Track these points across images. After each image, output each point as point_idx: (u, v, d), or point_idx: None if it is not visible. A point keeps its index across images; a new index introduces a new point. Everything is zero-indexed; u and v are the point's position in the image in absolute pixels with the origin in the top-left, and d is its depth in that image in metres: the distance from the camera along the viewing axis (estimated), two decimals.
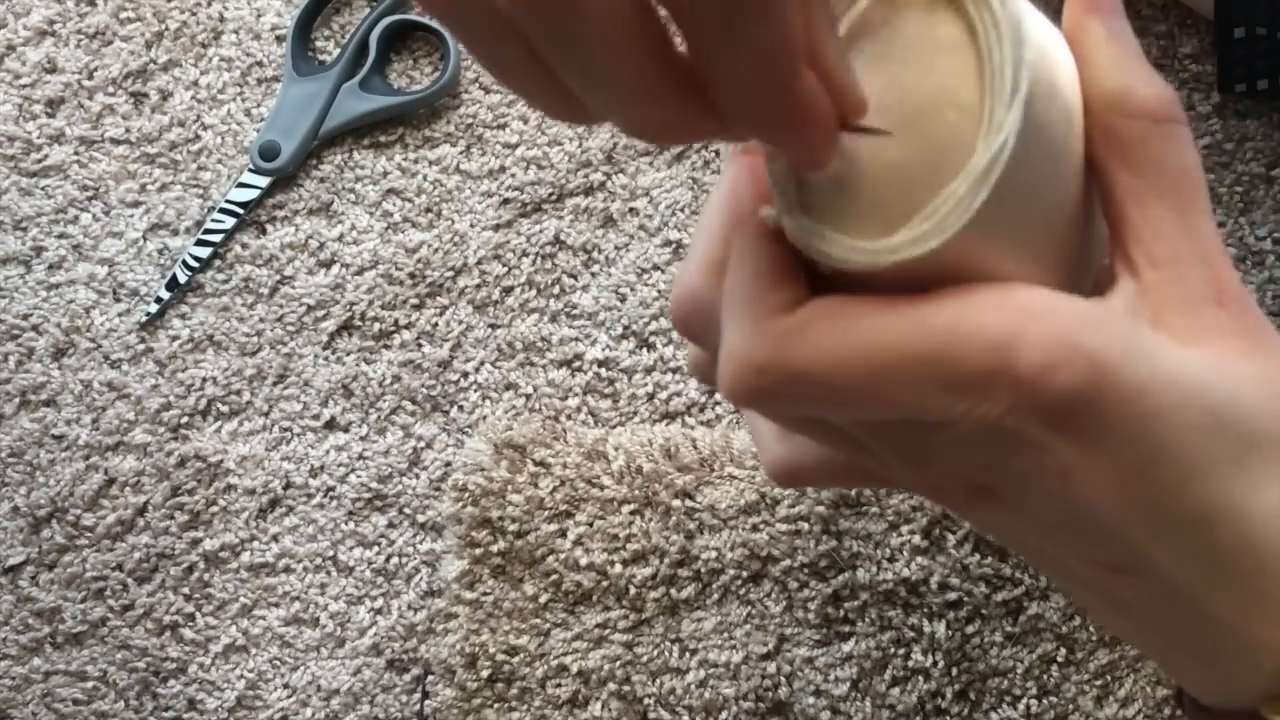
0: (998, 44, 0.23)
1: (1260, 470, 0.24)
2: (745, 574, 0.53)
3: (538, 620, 0.53)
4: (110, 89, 0.61)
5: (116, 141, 0.61)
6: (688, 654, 0.52)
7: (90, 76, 0.62)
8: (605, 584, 0.53)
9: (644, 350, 0.57)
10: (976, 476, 0.25)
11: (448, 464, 0.56)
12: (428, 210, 0.59)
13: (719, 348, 0.25)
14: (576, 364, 0.57)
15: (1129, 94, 0.24)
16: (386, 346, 0.58)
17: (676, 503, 0.53)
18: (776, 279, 0.24)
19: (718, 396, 0.56)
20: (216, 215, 0.59)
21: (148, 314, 0.59)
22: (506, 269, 0.58)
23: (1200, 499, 0.24)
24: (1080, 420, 0.23)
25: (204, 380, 0.58)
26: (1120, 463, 0.23)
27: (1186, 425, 0.23)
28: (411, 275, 0.58)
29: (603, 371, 0.57)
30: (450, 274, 0.58)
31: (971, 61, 0.24)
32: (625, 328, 0.57)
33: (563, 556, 0.53)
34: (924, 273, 0.23)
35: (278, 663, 0.56)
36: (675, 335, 0.57)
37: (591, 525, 0.53)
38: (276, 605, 0.56)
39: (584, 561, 0.53)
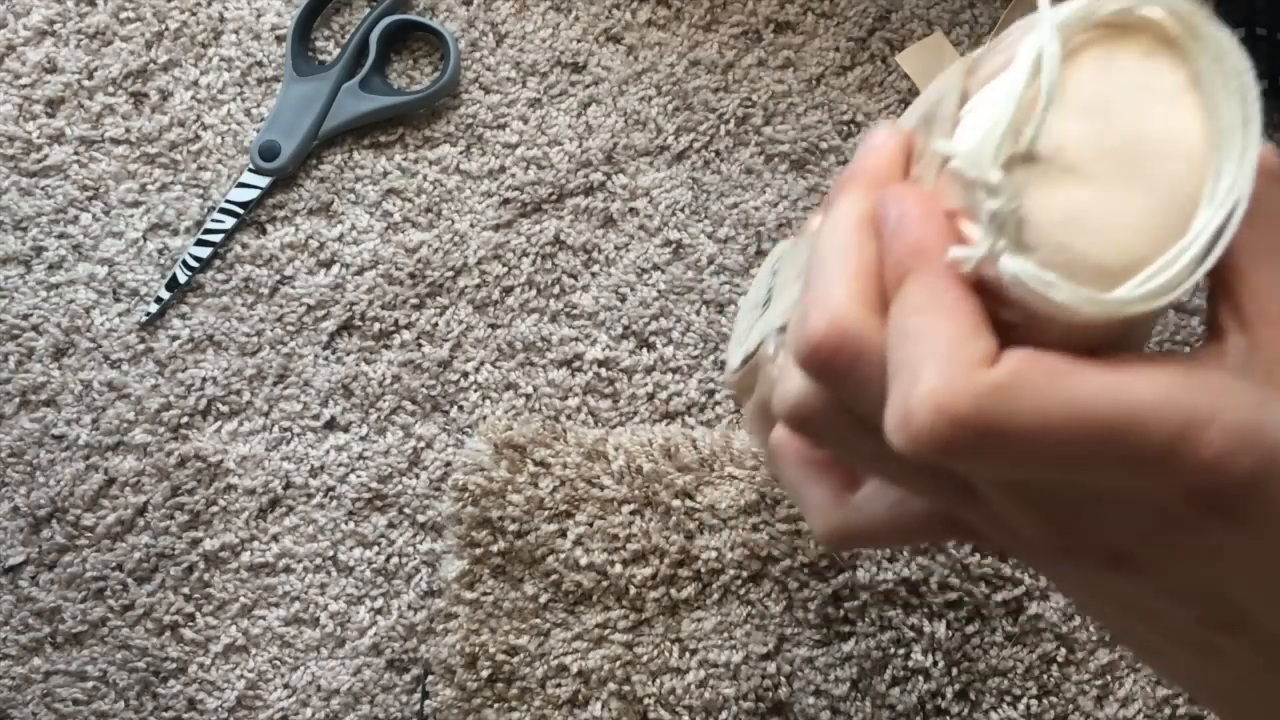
0: (1226, 100, 0.23)
1: None
2: (745, 574, 0.53)
3: (538, 620, 0.53)
4: (110, 89, 0.61)
5: (116, 141, 0.61)
6: (688, 654, 0.52)
7: (90, 76, 0.61)
8: (605, 584, 0.53)
9: (644, 350, 0.57)
10: (1123, 545, 0.25)
11: (448, 464, 0.56)
12: (428, 210, 0.59)
13: (872, 395, 0.24)
14: (576, 364, 0.57)
15: None
16: (386, 346, 0.58)
17: (676, 503, 0.53)
18: (976, 327, 0.23)
19: (718, 396, 0.56)
20: (216, 215, 0.59)
21: (148, 314, 0.58)
22: (506, 269, 0.58)
23: None
24: (1245, 504, 0.23)
25: (204, 380, 0.58)
26: (1270, 538, 0.24)
27: None
28: (411, 275, 0.58)
29: (603, 371, 0.57)
30: (450, 274, 0.58)
31: (1195, 111, 0.24)
32: (625, 328, 0.57)
33: (563, 556, 0.53)
34: (1118, 327, 0.23)
35: (278, 663, 0.56)
36: (675, 335, 0.57)
37: (591, 525, 0.53)
38: (276, 605, 0.56)
39: (584, 561, 0.53)
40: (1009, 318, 0.24)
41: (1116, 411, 0.22)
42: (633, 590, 0.53)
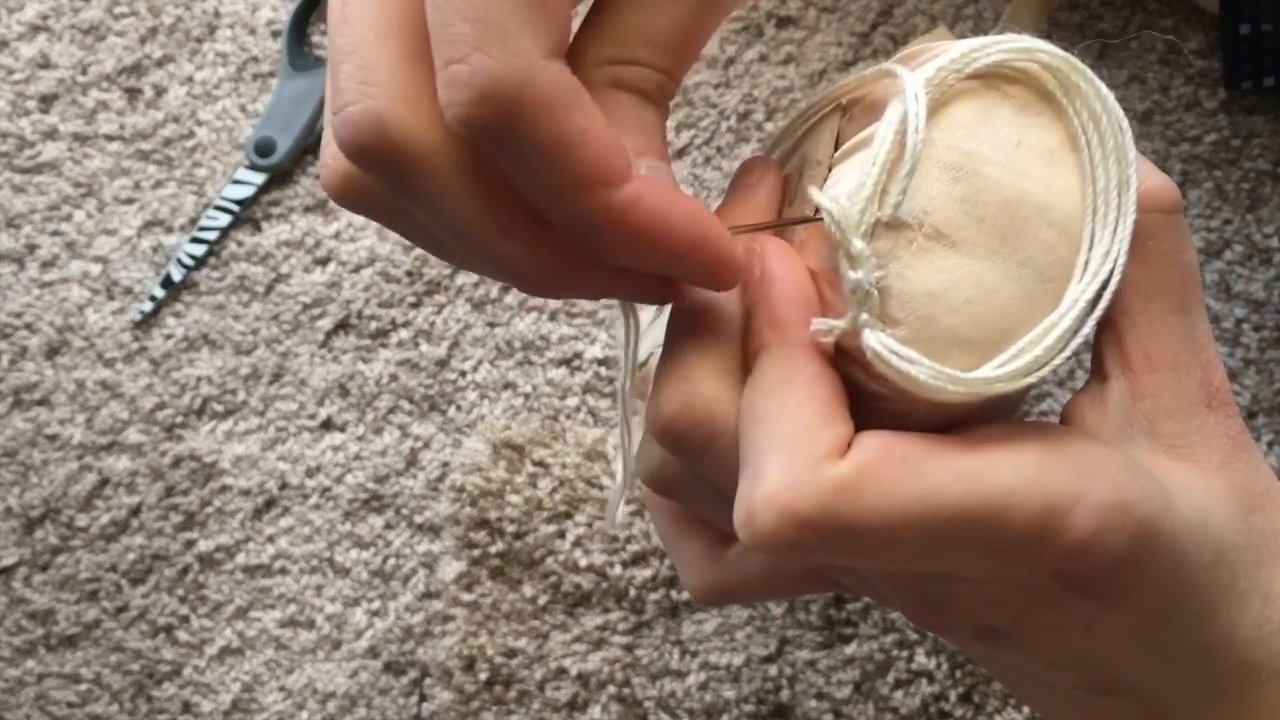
0: (1103, 162, 0.22)
1: (1244, 588, 0.24)
2: None
3: (536, 622, 0.53)
4: (104, 84, 0.61)
5: (110, 138, 0.60)
6: (688, 656, 0.52)
7: (84, 72, 0.61)
8: (605, 586, 0.52)
9: None
10: (992, 622, 0.25)
11: (445, 464, 0.56)
12: None
13: (730, 472, 0.23)
14: (576, 363, 0.57)
15: (1138, 186, 0.24)
16: (383, 345, 0.57)
17: None
18: (828, 412, 0.22)
19: None
20: (211, 212, 0.59)
21: (142, 312, 0.58)
22: None
23: (1205, 634, 0.24)
24: (1116, 582, 0.23)
25: (199, 379, 0.57)
26: (1144, 612, 0.23)
27: (1202, 565, 0.23)
28: (409, 273, 0.58)
29: (602, 370, 0.56)
30: (448, 272, 0.58)
31: (1072, 174, 0.22)
32: None
33: (562, 558, 0.53)
34: (983, 402, 0.22)
35: (273, 665, 0.55)
36: None
37: (591, 526, 0.53)
38: (272, 607, 0.56)
39: (583, 563, 0.52)
40: (876, 388, 0.23)
41: (974, 501, 0.21)
42: (633, 592, 0.52)
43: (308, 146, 0.59)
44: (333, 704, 0.55)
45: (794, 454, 0.21)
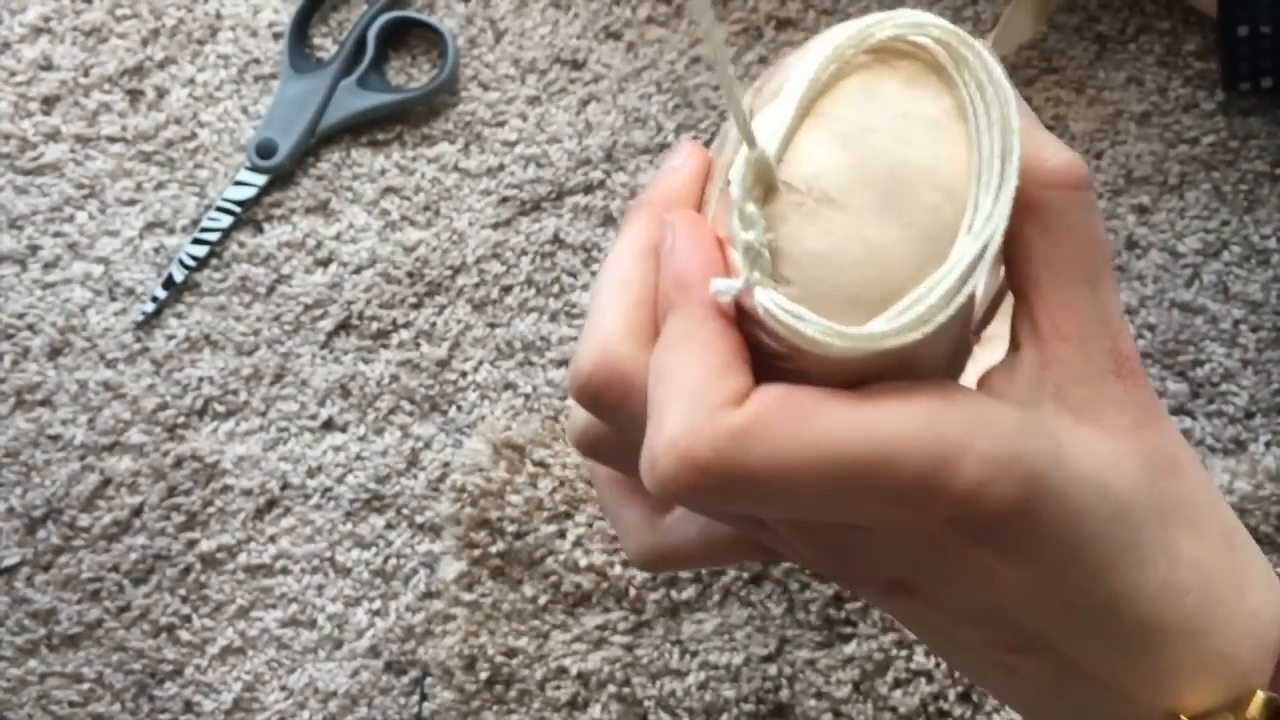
0: (988, 131, 0.23)
1: (1149, 547, 0.25)
2: (746, 575, 0.52)
3: (537, 622, 0.53)
4: (106, 86, 0.61)
5: (112, 139, 0.60)
6: (688, 656, 0.52)
7: (86, 74, 0.61)
8: (605, 585, 0.53)
9: None
10: (897, 574, 0.26)
11: (446, 464, 0.56)
12: (426, 208, 0.59)
13: (645, 429, 0.24)
14: None
15: (1043, 163, 0.25)
16: (384, 346, 0.57)
17: None
18: (726, 365, 0.23)
19: None
20: (213, 214, 0.59)
21: (144, 313, 0.58)
22: (505, 268, 0.58)
23: (1108, 589, 0.25)
24: (1010, 532, 0.23)
25: (200, 380, 0.58)
26: (1042, 564, 0.24)
27: (1100, 521, 0.24)
28: (410, 274, 0.58)
29: None
30: (449, 273, 0.58)
31: (958, 141, 0.23)
32: None
33: (562, 558, 0.53)
34: (879, 360, 0.23)
35: (275, 665, 0.55)
36: None
37: (591, 526, 0.53)
38: (273, 607, 0.56)
39: (583, 563, 0.52)
40: (775, 346, 0.23)
41: (865, 449, 0.22)
42: (633, 592, 0.52)
43: (309, 148, 0.60)
44: (334, 703, 0.55)
45: (692, 403, 0.23)
